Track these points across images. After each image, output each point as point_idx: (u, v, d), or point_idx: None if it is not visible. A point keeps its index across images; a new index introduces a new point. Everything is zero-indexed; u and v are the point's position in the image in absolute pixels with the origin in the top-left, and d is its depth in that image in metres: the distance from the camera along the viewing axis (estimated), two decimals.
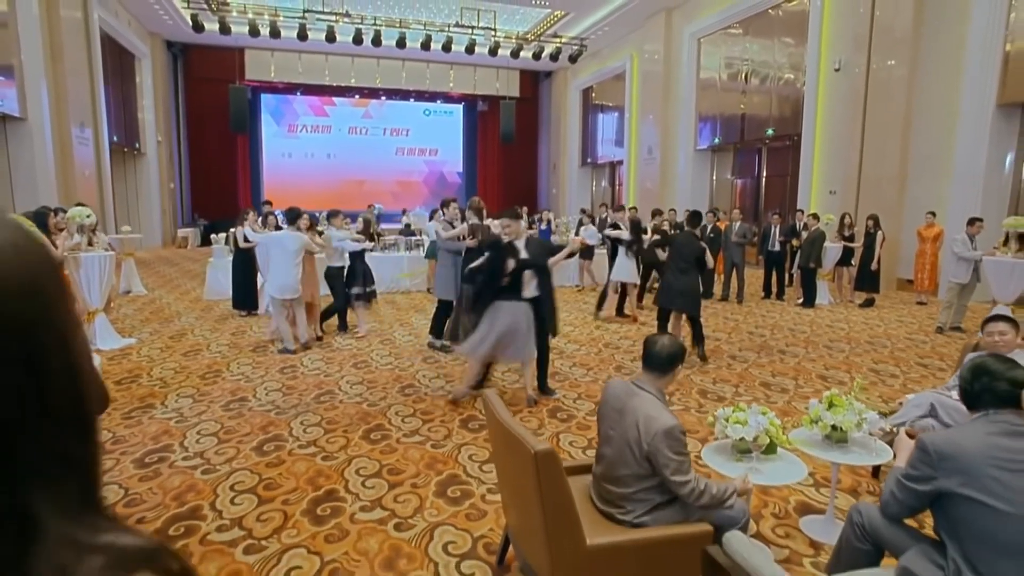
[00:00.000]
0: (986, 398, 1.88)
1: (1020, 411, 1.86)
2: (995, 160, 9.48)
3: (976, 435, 1.83)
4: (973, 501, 1.74)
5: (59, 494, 0.46)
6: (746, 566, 1.57)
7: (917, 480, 1.88)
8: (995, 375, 1.89)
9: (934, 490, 1.83)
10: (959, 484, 1.77)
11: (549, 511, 1.94)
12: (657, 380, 2.34)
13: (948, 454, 1.80)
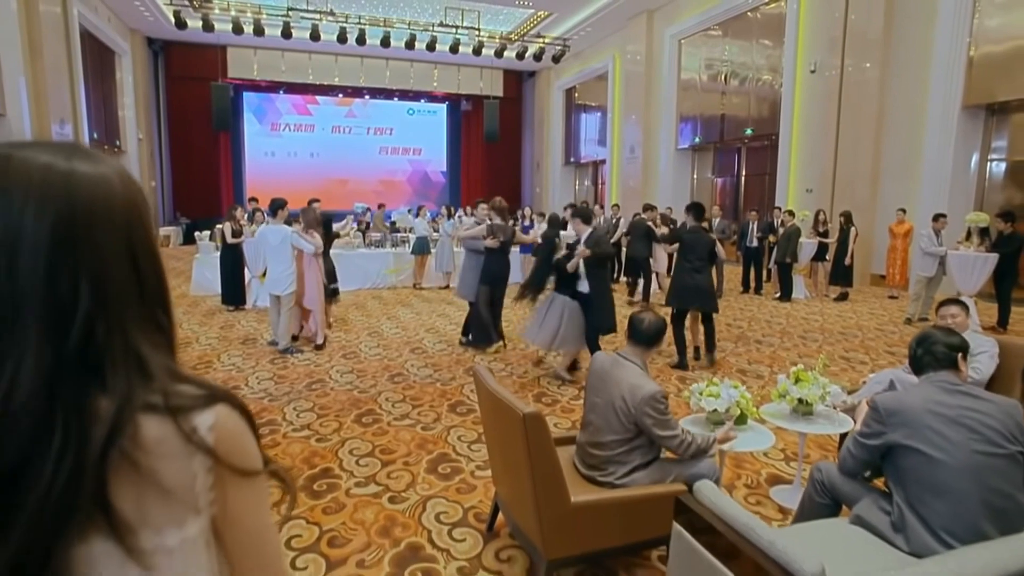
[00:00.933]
0: (927, 360, 2.09)
1: (957, 371, 2.07)
2: (961, 159, 9.85)
3: (918, 393, 2.04)
4: (915, 451, 1.95)
5: (155, 344, 0.65)
6: (712, 508, 1.75)
7: (869, 436, 2.08)
8: (935, 340, 2.10)
9: (884, 444, 2.03)
10: (904, 436, 1.97)
11: (537, 470, 2.10)
12: (642, 353, 2.54)
13: (894, 410, 2.01)
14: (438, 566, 2.54)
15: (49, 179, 0.59)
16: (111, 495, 0.58)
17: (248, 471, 0.67)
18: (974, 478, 1.87)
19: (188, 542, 0.64)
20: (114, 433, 0.57)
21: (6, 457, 0.55)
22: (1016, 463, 1.89)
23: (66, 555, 0.57)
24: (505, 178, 23.19)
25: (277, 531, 0.75)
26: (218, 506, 0.66)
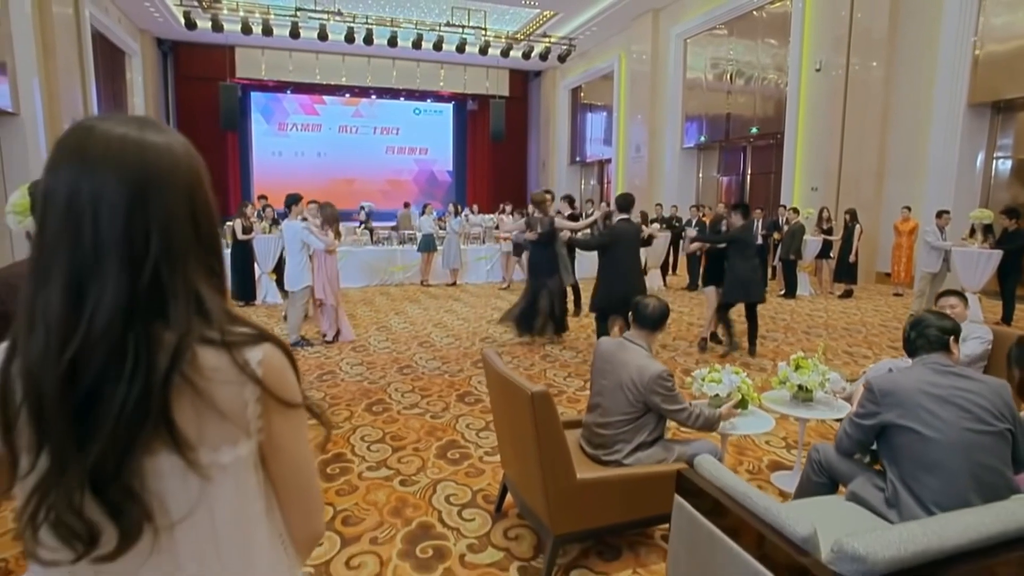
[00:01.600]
0: (920, 343, 2.17)
1: (949, 354, 2.14)
2: (966, 157, 9.86)
3: (911, 374, 2.12)
4: (908, 430, 2.02)
5: (212, 287, 0.76)
6: (711, 479, 1.84)
7: (864, 417, 2.16)
8: (928, 324, 2.18)
9: (878, 423, 2.11)
10: (898, 416, 2.05)
11: (544, 447, 2.19)
12: (647, 336, 2.64)
13: (888, 391, 2.08)
14: (448, 543, 2.63)
15: (125, 148, 0.70)
16: (174, 415, 0.68)
17: (291, 402, 0.77)
18: (964, 454, 1.95)
19: (240, 461, 0.74)
20: (176, 359, 0.68)
21: (87, 377, 0.66)
22: (1004, 440, 1.97)
23: (137, 466, 0.68)
24: (511, 177, 23.27)
25: (314, 461, 0.85)
26: (265, 433, 0.76)
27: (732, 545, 1.68)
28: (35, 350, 0.66)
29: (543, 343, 6.25)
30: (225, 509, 0.74)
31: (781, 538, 1.55)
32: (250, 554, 0.78)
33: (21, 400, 0.67)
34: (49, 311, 0.66)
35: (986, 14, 9.52)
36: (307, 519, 0.84)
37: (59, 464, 0.66)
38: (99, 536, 0.68)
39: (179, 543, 0.72)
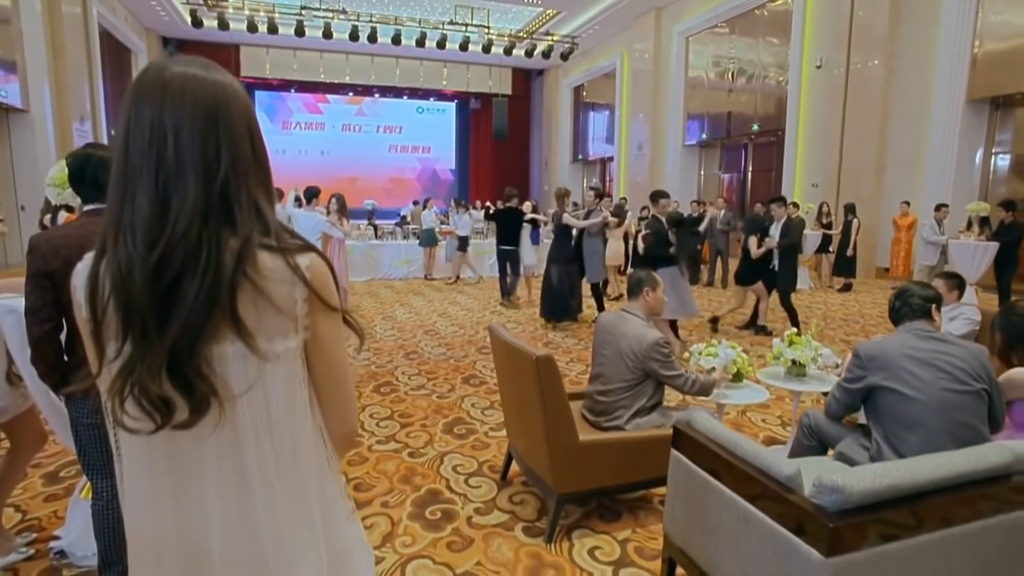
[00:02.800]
0: (905, 311, 2.29)
1: (931, 321, 2.26)
2: (965, 153, 9.96)
3: (895, 340, 2.24)
4: (893, 391, 2.14)
5: (268, 201, 0.90)
6: (704, 431, 1.96)
7: (852, 381, 2.28)
8: (912, 293, 2.30)
9: (865, 387, 2.23)
10: (883, 378, 2.17)
11: (548, 409, 2.32)
12: (635, 301, 2.77)
13: (874, 355, 2.21)
14: (456, 507, 2.76)
15: (199, 84, 0.84)
16: (238, 307, 0.81)
17: (332, 305, 0.90)
18: (943, 413, 2.07)
19: (290, 352, 0.87)
20: (241, 259, 0.81)
21: (170, 272, 0.79)
22: (980, 399, 2.09)
23: (206, 350, 0.81)
24: (513, 176, 23.36)
25: (349, 362, 0.97)
26: (311, 331, 0.89)
27: (724, 490, 1.81)
28: (125, 252, 0.79)
29: (547, 330, 6.43)
30: (277, 392, 0.87)
31: (768, 478, 1.67)
32: (297, 442, 0.90)
33: (108, 294, 0.80)
34: (138, 218, 0.79)
35: (984, 11, 9.61)
36: (343, 415, 0.97)
37: (143, 347, 0.79)
38: (173, 409, 0.81)
39: (239, 419, 0.85)
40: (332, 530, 0.96)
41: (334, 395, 0.95)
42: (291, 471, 0.90)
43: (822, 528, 1.47)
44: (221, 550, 0.87)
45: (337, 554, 0.97)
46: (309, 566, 0.92)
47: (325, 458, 0.96)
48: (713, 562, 1.86)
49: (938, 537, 1.58)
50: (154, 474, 0.87)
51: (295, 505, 0.91)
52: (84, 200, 1.95)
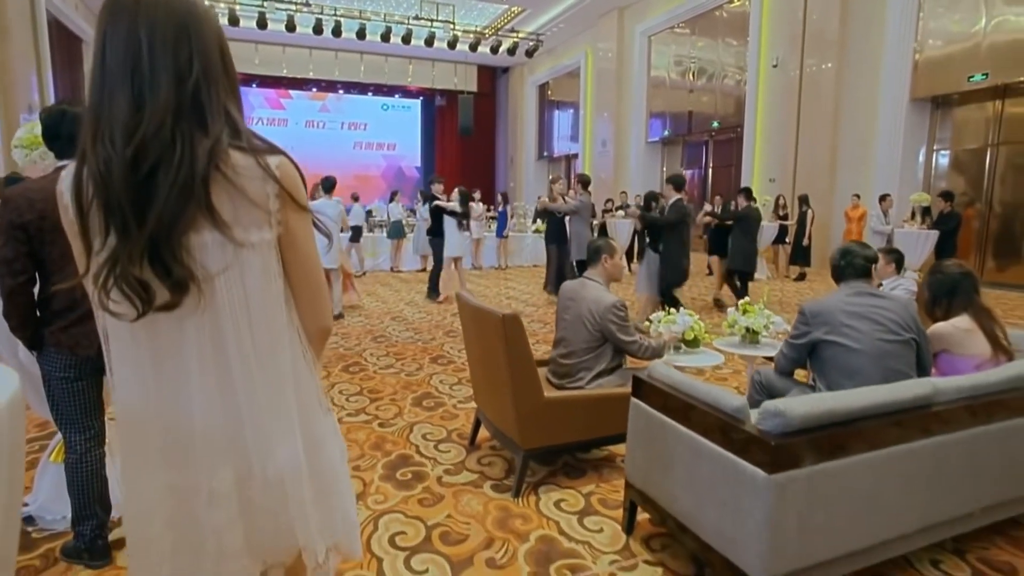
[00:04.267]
0: (847, 271, 2.47)
1: (869, 279, 2.45)
2: (909, 150, 10.49)
3: (835, 296, 2.42)
4: (834, 344, 2.31)
5: (236, 108, 0.96)
6: (660, 377, 2.09)
7: (797, 337, 2.45)
8: (854, 253, 2.48)
9: (809, 342, 2.40)
10: (825, 332, 2.34)
11: (514, 366, 2.42)
12: (594, 268, 2.90)
13: (816, 311, 2.38)
14: (426, 469, 2.84)
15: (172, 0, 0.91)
16: (213, 200, 0.89)
17: (301, 204, 0.98)
18: (878, 362, 2.25)
19: (265, 243, 0.96)
20: (213, 155, 0.90)
21: (146, 165, 0.86)
22: (910, 347, 2.28)
23: (184, 240, 0.89)
24: (479, 173, 23.43)
25: (319, 258, 1.05)
26: (283, 227, 0.97)
27: (679, 428, 1.94)
28: (104, 150, 0.87)
29: None
30: (253, 278, 0.95)
31: (719, 411, 1.80)
32: (273, 331, 0.98)
33: (92, 194, 0.87)
34: (115, 117, 0.87)
35: (924, 18, 10.18)
36: (316, 311, 1.05)
37: (124, 238, 0.86)
38: (153, 295, 0.89)
39: (218, 302, 0.93)
40: (308, 419, 1.04)
41: (307, 290, 1.03)
42: (268, 358, 0.97)
43: (765, 449, 1.61)
44: (203, 431, 0.94)
45: (312, 441, 1.04)
46: (285, 448, 0.99)
47: (300, 352, 1.03)
48: (670, 497, 1.99)
49: (869, 458, 1.74)
50: (139, 359, 0.94)
51: (272, 390, 0.98)
52: (58, 155, 1.97)
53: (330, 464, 1.08)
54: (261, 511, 0.98)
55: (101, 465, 2.06)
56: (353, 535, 1.12)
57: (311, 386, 1.05)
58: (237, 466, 0.96)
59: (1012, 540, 2.27)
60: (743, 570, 1.69)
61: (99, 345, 1.93)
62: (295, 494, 1.00)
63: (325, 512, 1.06)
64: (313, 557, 1.03)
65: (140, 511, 0.97)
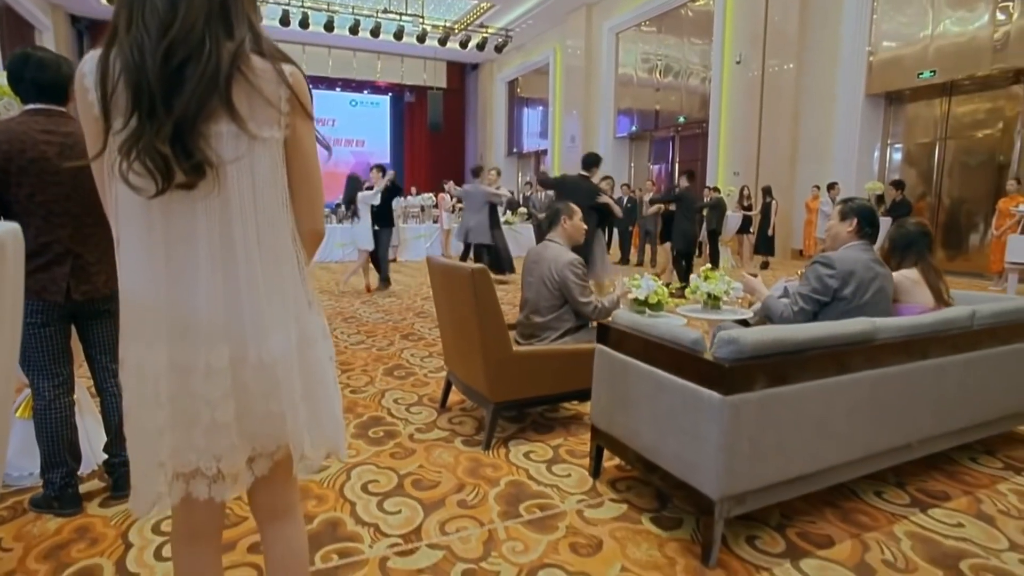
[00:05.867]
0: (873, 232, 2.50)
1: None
2: (865, 144, 10.91)
3: (862, 256, 2.39)
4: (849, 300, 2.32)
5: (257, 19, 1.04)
6: (624, 322, 2.19)
7: (821, 292, 2.38)
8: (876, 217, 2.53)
9: (831, 298, 2.36)
10: (852, 291, 2.30)
11: (483, 317, 2.48)
12: (555, 231, 3.00)
13: (848, 269, 2.34)
14: (398, 428, 2.89)
15: None
16: (232, 96, 0.95)
17: (308, 112, 1.06)
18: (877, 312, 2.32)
19: (274, 140, 1.03)
20: (236, 56, 0.97)
21: (177, 58, 0.93)
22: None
23: (204, 127, 0.95)
24: (449, 170, 23.35)
25: (319, 164, 1.11)
26: (290, 129, 1.04)
27: (642, 366, 2.03)
28: (137, 38, 0.93)
29: None
30: (262, 170, 1.02)
31: (678, 345, 1.90)
32: (276, 226, 1.05)
33: (119, 75, 0.93)
34: (150, 13, 0.94)
35: (878, 19, 10.64)
36: (313, 213, 1.13)
37: (151, 118, 0.93)
38: (174, 173, 0.94)
39: (230, 189, 1.00)
40: (300, 315, 1.10)
41: (306, 191, 1.11)
42: (269, 249, 1.04)
43: (720, 372, 1.72)
44: (206, 314, 1.00)
45: (304, 337, 1.10)
46: (279, 336, 1.05)
47: (295, 252, 1.09)
48: (633, 433, 2.08)
49: (815, 386, 1.86)
50: (152, 243, 0.99)
51: (271, 281, 1.05)
52: (24, 99, 1.97)
53: (319, 363, 1.13)
54: (253, 394, 1.04)
55: (70, 413, 2.06)
56: (339, 432, 1.17)
57: (303, 287, 1.11)
58: (233, 348, 1.01)
59: (947, 473, 2.44)
60: (701, 491, 1.79)
61: (67, 291, 1.95)
62: (286, 380, 1.05)
63: (312, 406, 1.11)
64: (299, 447, 1.08)
65: (141, 388, 1.01)
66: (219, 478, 1.05)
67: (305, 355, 1.10)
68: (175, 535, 1.16)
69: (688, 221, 7.27)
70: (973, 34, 9.13)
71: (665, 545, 1.92)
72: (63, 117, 1.97)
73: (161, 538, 1.93)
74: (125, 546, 1.89)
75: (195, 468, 1.03)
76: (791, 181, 11.82)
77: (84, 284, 1.99)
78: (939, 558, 1.86)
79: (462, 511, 2.12)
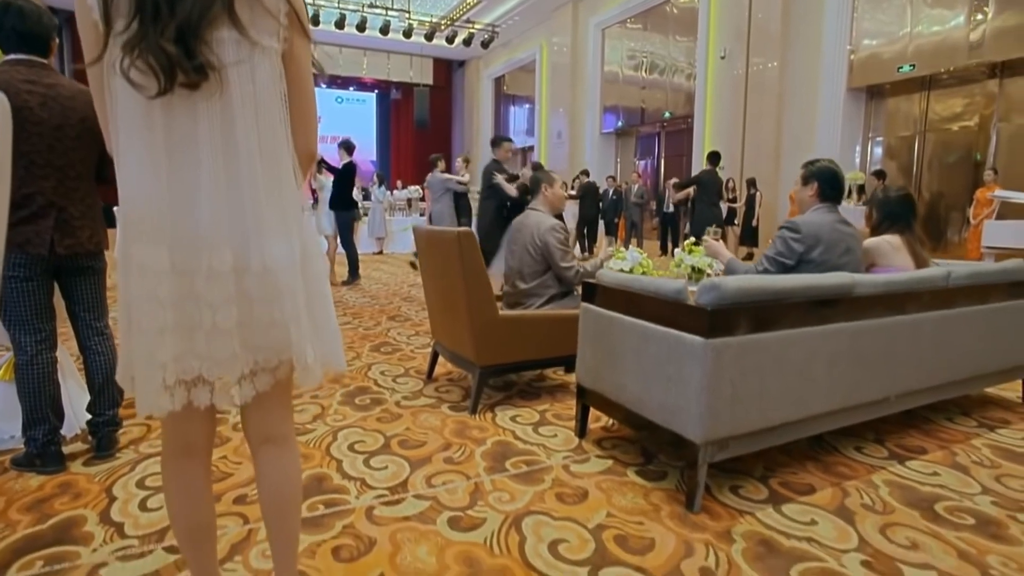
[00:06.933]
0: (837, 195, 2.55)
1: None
2: (847, 138, 11.08)
3: (825, 218, 2.46)
4: (819, 264, 2.37)
5: None
6: (608, 279, 2.21)
7: (787, 255, 2.42)
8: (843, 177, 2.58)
9: (798, 261, 2.39)
10: (819, 253, 2.34)
11: (469, 281, 2.50)
12: (537, 200, 3.04)
13: (813, 232, 2.37)
14: (384, 396, 2.89)
15: None
16: (235, 3, 0.98)
17: (306, 28, 1.08)
18: None
19: (272, 49, 1.06)
20: None
21: None
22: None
23: (206, 34, 0.97)
24: None
25: (313, 83, 1.13)
26: (288, 44, 1.06)
27: (627, 319, 2.06)
28: None
29: None
30: (263, 75, 1.04)
31: (661, 296, 1.93)
32: (277, 138, 1.07)
33: None
34: None
35: (858, 16, 10.83)
36: (307, 132, 1.14)
37: (155, 21, 0.94)
38: (176, 72, 0.95)
39: (232, 92, 1.01)
40: (301, 229, 1.11)
41: (301, 109, 1.12)
42: (270, 156, 1.06)
43: (702, 316, 1.75)
44: (209, 219, 1.00)
45: (305, 250, 1.12)
46: (282, 244, 1.06)
47: (293, 169, 1.10)
48: (619, 387, 2.11)
49: (795, 334, 1.90)
50: (153, 145, 0.99)
51: (272, 188, 1.06)
52: (4, 50, 1.95)
53: (319, 277, 1.14)
54: (256, 301, 1.04)
55: (52, 369, 2.04)
56: (337, 345, 1.17)
57: (299, 203, 1.12)
58: (236, 253, 1.02)
59: (924, 431, 2.49)
60: (685, 436, 1.82)
61: (51, 244, 1.93)
62: (288, 289, 1.06)
63: (314, 318, 1.11)
64: (302, 357, 1.08)
65: (143, 285, 1.00)
66: (221, 386, 1.06)
67: (307, 268, 1.11)
68: (167, 451, 1.16)
69: (706, 204, 7.21)
70: (950, 31, 9.34)
71: (650, 494, 1.95)
72: (45, 69, 1.96)
73: (146, 492, 1.92)
74: (109, 499, 1.88)
75: (197, 375, 1.04)
76: (775, 174, 11.95)
77: (68, 238, 1.97)
78: (916, 502, 1.91)
79: (448, 466, 2.14)
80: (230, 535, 1.68)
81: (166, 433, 1.15)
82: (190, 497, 1.15)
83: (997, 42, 8.70)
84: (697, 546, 1.65)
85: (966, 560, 1.60)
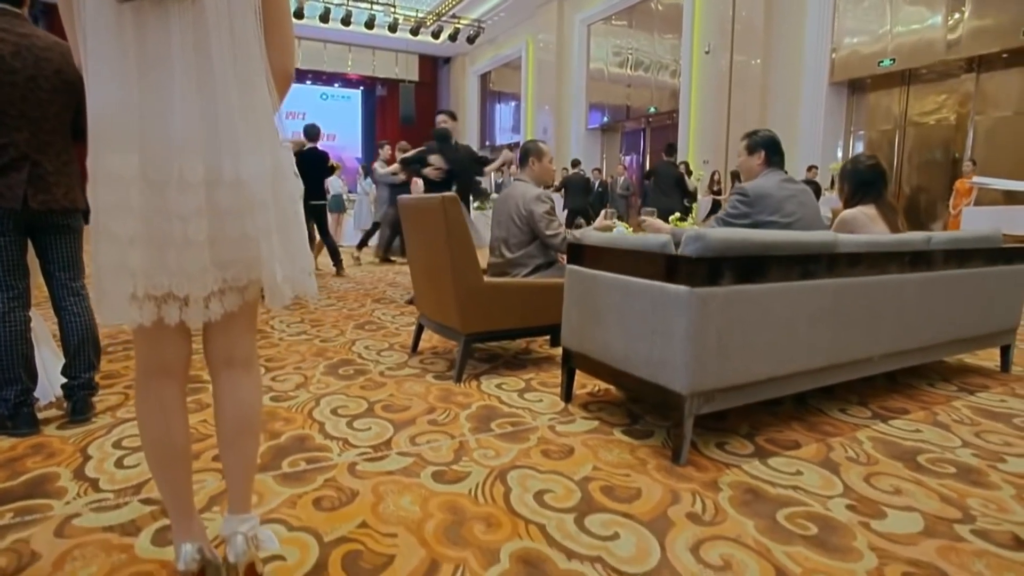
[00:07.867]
0: (779, 160, 2.61)
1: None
2: (830, 132, 11.23)
3: (771, 180, 2.55)
4: (774, 223, 2.43)
5: None
6: (594, 239, 2.20)
7: (737, 217, 2.50)
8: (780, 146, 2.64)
9: (751, 223, 2.48)
10: (768, 214, 2.44)
11: (454, 246, 2.48)
12: (524, 172, 3.01)
13: (760, 194, 2.46)
14: (368, 367, 2.86)
15: None
16: None
17: None
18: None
19: None
20: None
21: None
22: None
23: None
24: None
25: (291, 11, 1.10)
26: None
27: (612, 276, 2.05)
28: None
29: None
30: None
31: (646, 250, 1.92)
32: (252, 50, 1.04)
33: None
34: None
35: (839, 14, 10.98)
36: (284, 50, 1.12)
37: None
38: None
39: (205, 4, 0.97)
40: (274, 147, 1.09)
41: (278, 28, 1.10)
42: (244, 71, 1.03)
43: (687, 266, 1.74)
44: (181, 128, 0.97)
45: (278, 168, 1.09)
46: (255, 160, 1.03)
47: (267, 86, 1.07)
48: (604, 346, 2.10)
49: (780, 288, 1.90)
50: (123, 52, 0.95)
51: (246, 100, 1.03)
52: None
53: (291, 198, 1.12)
54: (227, 213, 1.01)
55: (25, 328, 1.99)
56: (308, 268, 1.15)
57: (274, 122, 1.09)
58: (208, 164, 0.99)
59: (906, 394, 2.52)
60: (671, 389, 1.81)
61: (24, 199, 1.88)
62: (260, 204, 1.03)
63: (284, 240, 1.09)
64: (272, 275, 1.06)
65: (112, 192, 0.97)
66: (190, 302, 1.03)
67: (279, 187, 1.09)
68: (141, 371, 1.13)
69: (660, 194, 7.26)
70: (928, 28, 9.52)
71: (637, 450, 1.94)
72: (19, 19, 1.91)
73: (122, 451, 1.87)
74: (84, 458, 1.83)
75: (167, 291, 1.01)
76: None
77: (42, 193, 1.93)
78: (898, 454, 1.92)
79: (432, 427, 2.11)
80: (208, 488, 1.64)
81: (140, 354, 1.12)
82: (164, 415, 1.12)
83: (974, 39, 8.87)
84: (684, 494, 1.64)
85: (948, 503, 1.61)
